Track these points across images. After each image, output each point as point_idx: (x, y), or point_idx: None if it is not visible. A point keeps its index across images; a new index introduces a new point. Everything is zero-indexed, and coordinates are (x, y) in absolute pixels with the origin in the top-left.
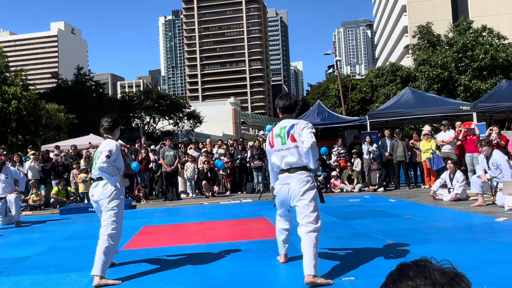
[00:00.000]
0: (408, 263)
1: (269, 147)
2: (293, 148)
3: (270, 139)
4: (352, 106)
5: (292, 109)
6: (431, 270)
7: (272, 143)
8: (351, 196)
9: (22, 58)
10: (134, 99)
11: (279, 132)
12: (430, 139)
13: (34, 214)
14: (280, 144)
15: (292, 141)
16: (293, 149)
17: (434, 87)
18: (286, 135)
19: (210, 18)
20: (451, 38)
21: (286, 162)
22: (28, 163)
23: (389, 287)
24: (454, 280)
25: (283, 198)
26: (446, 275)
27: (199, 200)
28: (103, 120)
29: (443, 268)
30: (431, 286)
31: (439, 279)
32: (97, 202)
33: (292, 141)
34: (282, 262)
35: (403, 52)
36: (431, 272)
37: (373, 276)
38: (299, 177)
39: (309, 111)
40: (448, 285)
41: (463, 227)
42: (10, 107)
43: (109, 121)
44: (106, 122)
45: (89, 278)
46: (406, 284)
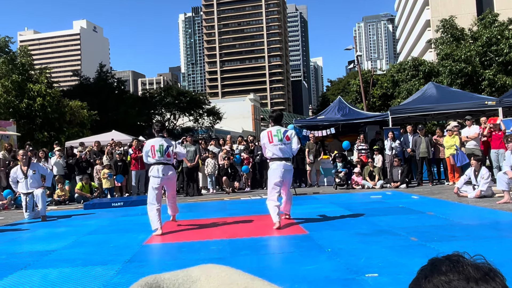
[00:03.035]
0: (440, 258)
1: (268, 142)
2: (288, 144)
3: (270, 137)
4: (373, 101)
5: (280, 120)
6: (464, 265)
7: (272, 140)
8: (373, 193)
9: (46, 56)
10: (154, 96)
11: (276, 133)
12: (454, 135)
13: (59, 208)
14: (277, 140)
15: (287, 140)
16: (288, 145)
17: (458, 82)
18: (283, 136)
19: (229, 14)
20: (475, 31)
21: (282, 152)
22: (54, 159)
23: (421, 282)
24: (488, 275)
25: (280, 178)
26: (480, 270)
27: (219, 196)
28: (154, 124)
29: (476, 263)
30: (465, 281)
31: (473, 274)
32: (169, 178)
33: (287, 140)
34: (281, 226)
35: (426, 46)
36: (464, 267)
37: (397, 274)
38: (290, 165)
39: (330, 107)
40: (482, 280)
41: (488, 224)
42: (35, 104)
43: (159, 125)
44: (157, 126)
45: (113, 271)
46: (439, 279)
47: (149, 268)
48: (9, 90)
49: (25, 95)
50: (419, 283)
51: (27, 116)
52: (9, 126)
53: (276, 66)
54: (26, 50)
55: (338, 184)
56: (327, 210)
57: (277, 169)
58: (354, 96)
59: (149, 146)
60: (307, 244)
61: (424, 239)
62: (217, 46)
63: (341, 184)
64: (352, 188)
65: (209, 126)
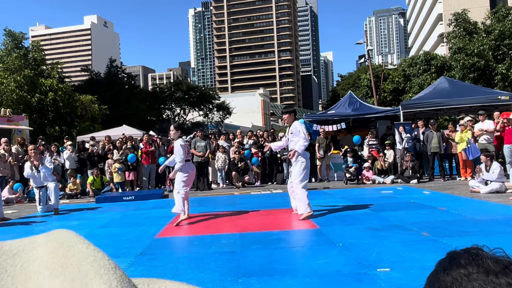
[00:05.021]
0: (459, 251)
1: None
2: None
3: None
4: (384, 96)
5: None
6: (483, 258)
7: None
8: (384, 188)
9: (57, 51)
10: (164, 90)
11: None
12: (467, 130)
13: (71, 202)
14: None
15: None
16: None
17: (470, 76)
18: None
19: (239, 9)
20: (488, 25)
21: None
22: (66, 153)
23: (439, 275)
24: (509, 268)
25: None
26: (500, 263)
27: (230, 191)
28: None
29: (496, 256)
30: (484, 274)
31: (493, 267)
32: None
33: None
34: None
35: (438, 40)
36: (483, 260)
37: (408, 268)
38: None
39: (340, 102)
40: (502, 274)
41: (501, 220)
42: (47, 98)
43: (175, 126)
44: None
45: (125, 265)
46: (458, 272)
47: (161, 261)
48: (21, 85)
49: (37, 90)
50: (438, 276)
51: (39, 110)
52: (22, 121)
53: (286, 61)
54: (39, 46)
55: (348, 179)
56: (338, 205)
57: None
58: (365, 91)
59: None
60: (318, 238)
61: (436, 234)
62: (227, 41)
63: (351, 179)
64: (362, 183)
65: (219, 121)
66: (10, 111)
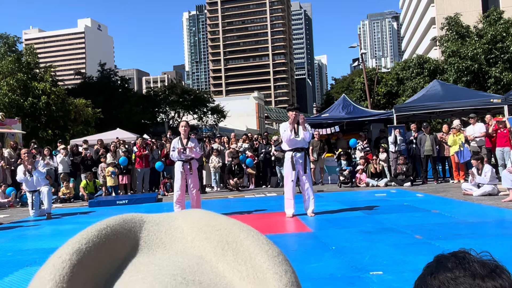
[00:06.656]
0: (446, 255)
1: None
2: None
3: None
4: (378, 99)
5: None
6: (470, 261)
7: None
8: (377, 191)
9: (50, 55)
10: (159, 94)
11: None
12: (459, 133)
13: (64, 206)
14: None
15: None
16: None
17: (464, 79)
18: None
19: (233, 12)
20: (480, 29)
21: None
22: (60, 156)
23: (426, 279)
24: (495, 272)
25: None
26: (486, 266)
27: (223, 194)
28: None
29: (483, 259)
30: (471, 277)
31: (479, 271)
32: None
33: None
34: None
35: (430, 44)
36: (470, 263)
37: (401, 271)
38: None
39: (334, 105)
40: (489, 277)
41: (494, 222)
42: (40, 102)
43: (184, 124)
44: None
45: None
46: (445, 276)
47: None
48: (14, 89)
49: (30, 93)
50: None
51: (32, 114)
52: (14, 124)
53: (280, 64)
54: (32, 49)
55: (342, 182)
56: (332, 208)
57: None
58: (359, 94)
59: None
60: (312, 242)
61: (429, 237)
62: (221, 44)
63: (345, 182)
64: (356, 186)
65: (213, 124)
66: (2, 114)
